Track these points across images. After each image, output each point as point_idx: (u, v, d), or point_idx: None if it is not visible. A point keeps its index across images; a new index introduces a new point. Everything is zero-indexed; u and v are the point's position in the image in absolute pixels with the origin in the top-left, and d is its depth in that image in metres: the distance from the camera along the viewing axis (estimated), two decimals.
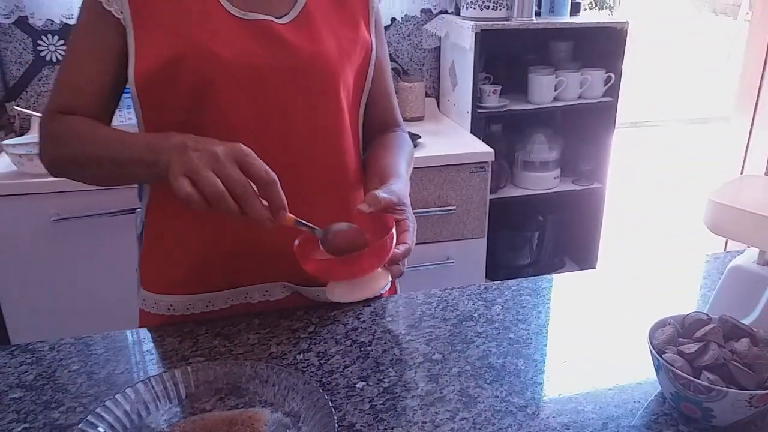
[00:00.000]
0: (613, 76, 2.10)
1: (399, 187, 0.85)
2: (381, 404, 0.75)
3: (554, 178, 2.17)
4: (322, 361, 0.83)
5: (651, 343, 0.75)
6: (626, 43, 2.06)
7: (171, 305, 0.94)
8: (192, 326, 0.91)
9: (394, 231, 0.76)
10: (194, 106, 0.84)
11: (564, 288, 1.05)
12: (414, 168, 1.71)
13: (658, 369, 0.74)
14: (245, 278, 0.94)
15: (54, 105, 0.86)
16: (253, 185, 0.70)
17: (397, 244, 0.78)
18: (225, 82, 0.83)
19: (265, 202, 0.72)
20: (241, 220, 0.83)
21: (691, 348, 0.73)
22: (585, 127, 2.24)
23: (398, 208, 0.82)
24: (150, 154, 0.74)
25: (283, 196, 0.72)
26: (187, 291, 0.93)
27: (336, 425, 0.63)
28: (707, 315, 0.78)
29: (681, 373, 0.69)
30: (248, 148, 0.71)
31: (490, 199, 1.95)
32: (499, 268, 2.15)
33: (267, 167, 0.70)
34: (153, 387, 0.70)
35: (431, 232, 1.85)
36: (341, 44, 0.90)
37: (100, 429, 0.64)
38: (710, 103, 6.13)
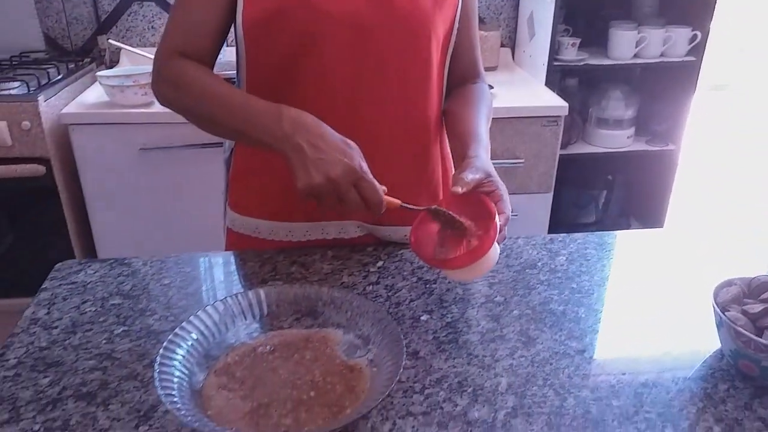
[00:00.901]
0: (699, 34, 2.00)
1: (482, 160, 0.85)
2: (444, 336, 0.80)
3: (627, 137, 2.12)
4: (389, 294, 0.89)
5: (715, 300, 0.76)
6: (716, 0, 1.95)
7: (257, 228, 1.00)
8: (271, 253, 0.98)
9: (497, 215, 0.77)
10: (296, 54, 0.87)
11: (630, 244, 1.05)
12: None
13: (719, 326, 0.75)
14: (323, 214, 0.99)
15: (167, 45, 0.89)
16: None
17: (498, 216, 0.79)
18: (327, 35, 0.86)
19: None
20: None
21: (756, 308, 0.74)
22: (664, 87, 2.16)
23: (486, 181, 0.84)
24: (266, 137, 0.78)
25: (383, 200, 0.76)
26: (270, 217, 1.00)
27: (404, 349, 0.68)
28: None
29: (743, 331, 0.70)
30: (359, 151, 0.75)
31: (560, 154, 1.93)
32: (562, 225, 2.14)
33: (376, 186, 0.74)
34: (239, 302, 0.77)
35: None
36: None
37: (192, 335, 0.71)
38: None
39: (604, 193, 2.19)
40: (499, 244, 0.79)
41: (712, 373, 0.75)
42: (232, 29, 0.90)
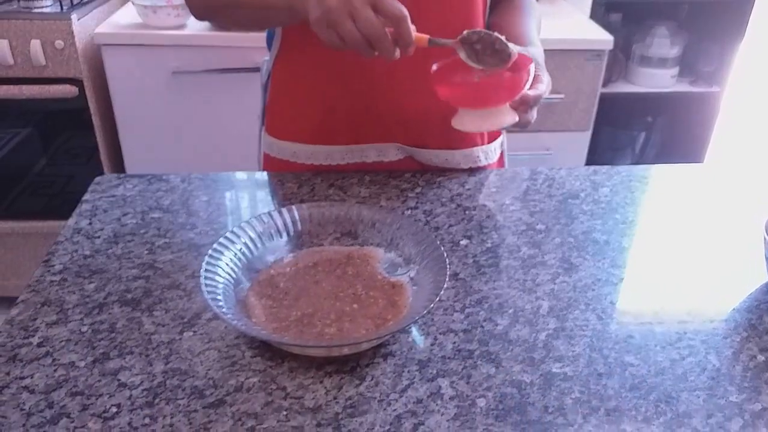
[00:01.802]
0: None
1: (534, 52, 0.84)
2: (484, 260, 0.79)
3: (671, 76, 2.03)
4: (428, 218, 0.88)
5: (766, 230, 0.74)
6: None
7: (294, 152, 0.99)
8: (309, 175, 0.97)
9: (531, 69, 0.75)
10: None
11: (675, 178, 1.02)
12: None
13: None
14: (363, 137, 0.97)
15: None
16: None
17: (530, 88, 0.77)
18: None
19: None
20: (366, 77, 0.85)
21: None
22: (713, 25, 2.05)
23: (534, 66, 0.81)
24: (289, 1, 0.76)
25: (412, 31, 0.71)
26: (309, 140, 0.98)
27: (448, 267, 0.67)
28: None
29: None
30: None
31: (600, 93, 1.87)
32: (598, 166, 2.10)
33: (397, 3, 0.70)
34: (281, 217, 0.76)
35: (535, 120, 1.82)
36: None
37: (235, 246, 0.71)
38: None
39: (642, 135, 2.13)
40: (522, 111, 0.77)
41: (758, 305, 0.73)
42: None
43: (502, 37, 0.75)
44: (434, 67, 0.79)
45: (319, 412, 0.57)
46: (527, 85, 0.76)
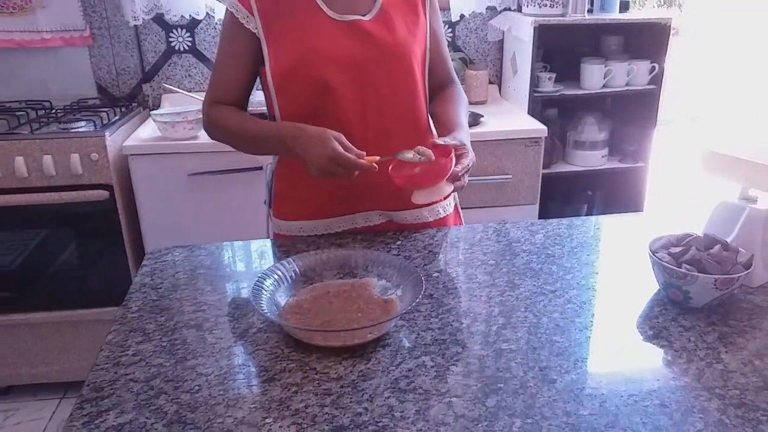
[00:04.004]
0: (657, 66, 2.33)
1: (461, 135, 1.15)
2: (450, 285, 1.08)
3: (602, 156, 2.42)
4: (407, 261, 1.16)
5: (649, 248, 1.04)
6: (670, 37, 2.28)
7: (301, 228, 1.28)
8: (314, 239, 1.26)
9: (453, 155, 1.08)
10: (314, 89, 1.16)
11: (591, 226, 1.33)
12: (477, 141, 2.04)
13: (653, 265, 1.02)
14: (352, 208, 1.27)
15: (209, 97, 1.23)
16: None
17: (456, 165, 1.08)
18: (334, 71, 1.15)
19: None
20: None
21: (677, 250, 1.02)
22: (631, 112, 2.48)
23: (460, 146, 1.12)
24: (280, 152, 1.18)
25: (367, 164, 1.05)
26: (311, 217, 1.27)
27: (424, 286, 0.95)
28: (696, 233, 1.06)
29: (666, 264, 0.98)
30: (336, 146, 1.04)
31: (544, 174, 2.23)
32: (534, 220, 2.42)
33: (350, 158, 1.04)
34: (300, 261, 1.04)
35: (490, 197, 2.16)
36: (409, 29, 1.21)
37: (268, 282, 0.98)
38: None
39: (585, 206, 2.48)
40: (454, 182, 1.08)
41: (650, 301, 1.02)
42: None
43: (422, 148, 1.09)
44: (390, 167, 1.11)
45: (340, 381, 0.83)
46: (453, 163, 1.07)
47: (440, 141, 1.10)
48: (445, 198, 1.27)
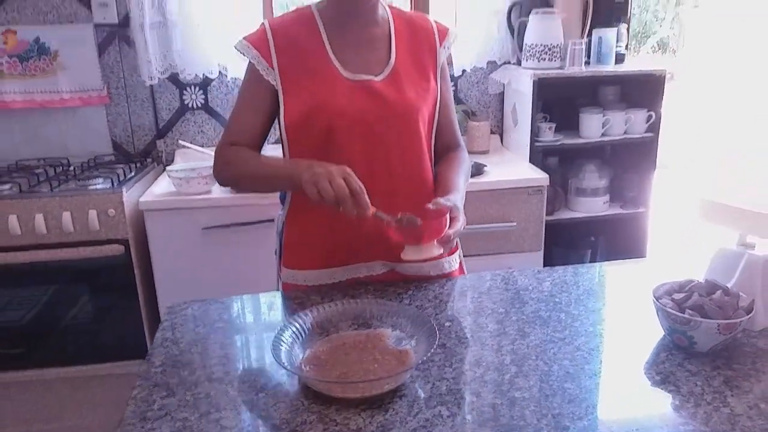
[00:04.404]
0: (653, 115, 2.41)
1: (456, 198, 1.20)
2: (462, 334, 1.11)
3: (604, 203, 2.48)
4: (419, 310, 1.20)
5: (653, 295, 1.08)
6: (665, 87, 2.37)
7: (305, 277, 1.32)
8: (328, 289, 1.30)
9: (447, 217, 1.13)
10: (324, 141, 1.23)
11: (598, 273, 1.37)
12: (481, 190, 2.09)
13: (658, 311, 1.06)
14: (355, 258, 1.31)
15: (226, 139, 1.28)
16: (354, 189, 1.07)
17: (448, 228, 1.14)
18: (343, 126, 1.21)
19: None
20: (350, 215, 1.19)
21: (680, 296, 1.06)
22: (631, 159, 2.54)
23: (453, 211, 1.17)
24: (289, 172, 1.15)
25: (367, 201, 1.08)
26: (317, 267, 1.32)
27: (438, 337, 0.99)
28: (697, 279, 1.10)
29: (670, 310, 1.02)
30: (350, 169, 1.08)
31: (547, 221, 2.28)
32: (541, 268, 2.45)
33: (360, 183, 1.07)
34: (317, 313, 1.08)
35: (495, 244, 2.20)
36: (419, 93, 1.27)
37: (287, 334, 1.02)
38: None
39: (588, 252, 2.52)
40: (444, 245, 1.13)
41: (656, 347, 1.05)
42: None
43: (410, 215, 1.12)
44: (386, 222, 1.14)
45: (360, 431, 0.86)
46: (446, 225, 1.12)
47: (432, 206, 1.14)
48: (433, 259, 1.26)
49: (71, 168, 2.23)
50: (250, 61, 1.25)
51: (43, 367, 2.08)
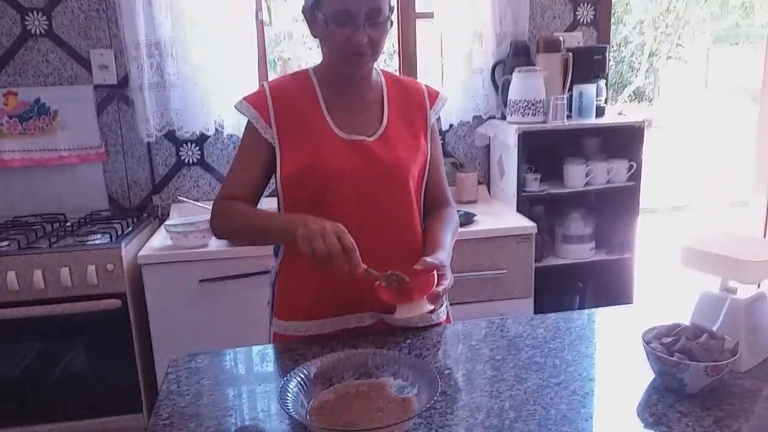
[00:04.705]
0: (634, 164, 2.51)
1: (443, 256, 1.25)
2: (462, 382, 1.15)
3: (590, 249, 2.55)
4: (420, 359, 1.23)
5: (643, 339, 1.13)
6: (644, 137, 2.48)
7: (296, 328, 1.35)
8: (326, 340, 1.33)
9: (435, 275, 1.18)
10: (318, 195, 1.28)
11: (588, 319, 1.42)
12: (472, 239, 2.15)
13: (648, 355, 1.10)
14: (345, 310, 1.34)
15: (224, 193, 1.33)
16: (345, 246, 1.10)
17: (437, 286, 1.18)
18: (336, 182, 1.27)
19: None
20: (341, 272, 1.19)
21: (668, 340, 1.11)
22: (614, 207, 2.63)
23: (441, 269, 1.22)
24: (284, 226, 1.18)
25: (359, 259, 1.11)
26: (307, 318, 1.34)
27: (440, 385, 1.02)
28: (684, 323, 1.16)
29: (660, 354, 1.07)
30: (344, 227, 1.12)
31: (537, 267, 2.34)
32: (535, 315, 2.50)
33: (352, 240, 1.11)
34: (320, 363, 1.11)
35: (486, 291, 2.25)
36: (409, 152, 1.34)
37: (291, 384, 1.04)
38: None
39: (577, 297, 2.58)
40: (434, 303, 1.16)
41: (647, 390, 1.09)
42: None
43: (399, 273, 1.16)
44: (376, 283, 1.18)
45: None
46: (434, 284, 1.16)
47: (419, 266, 1.18)
48: (426, 313, 1.26)
49: (68, 224, 2.26)
50: (249, 120, 1.31)
51: (35, 423, 2.05)
